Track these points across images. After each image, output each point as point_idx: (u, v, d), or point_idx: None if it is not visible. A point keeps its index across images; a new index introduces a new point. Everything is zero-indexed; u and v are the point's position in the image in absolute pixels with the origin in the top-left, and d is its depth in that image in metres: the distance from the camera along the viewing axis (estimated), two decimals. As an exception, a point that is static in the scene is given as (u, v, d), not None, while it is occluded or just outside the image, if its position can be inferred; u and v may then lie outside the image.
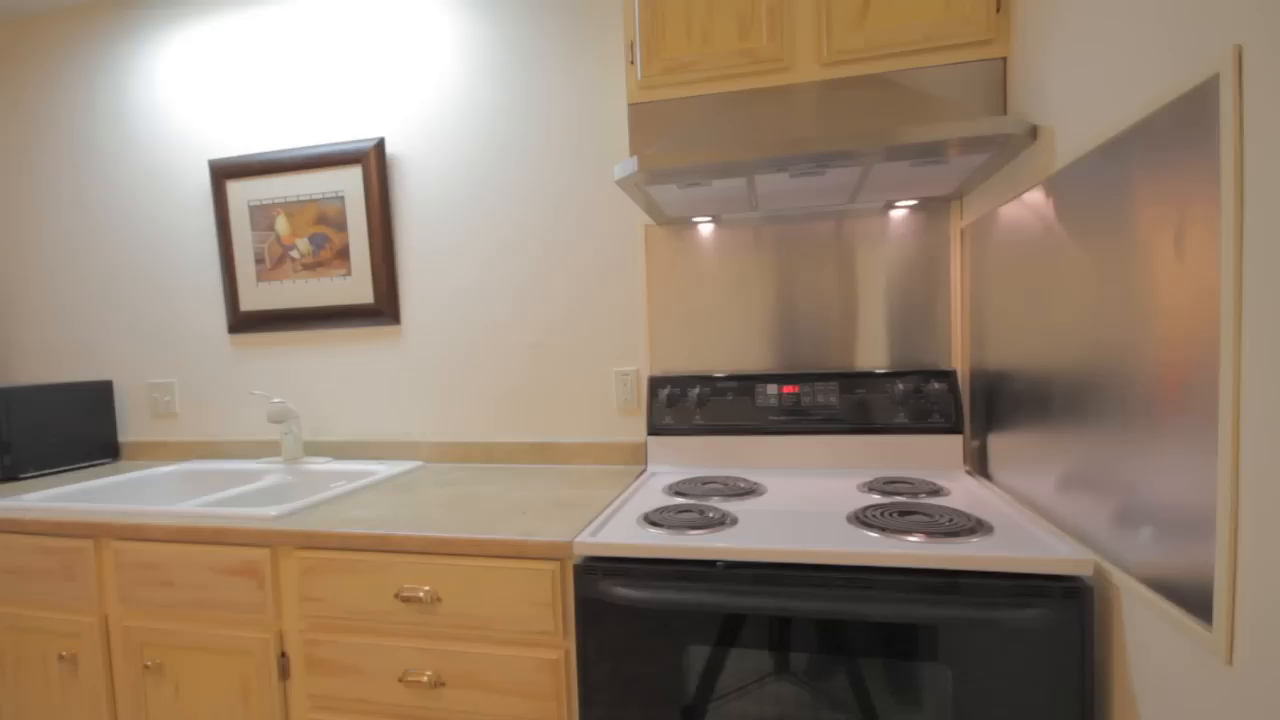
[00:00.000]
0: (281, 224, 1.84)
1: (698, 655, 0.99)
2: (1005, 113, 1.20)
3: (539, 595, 1.09)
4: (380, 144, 1.75)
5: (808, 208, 1.51)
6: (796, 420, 1.48)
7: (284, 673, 1.24)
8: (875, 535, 0.99)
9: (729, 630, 0.98)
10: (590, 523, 1.15)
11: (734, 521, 1.10)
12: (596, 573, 1.01)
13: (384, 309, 1.79)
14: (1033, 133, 1.03)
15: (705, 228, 1.60)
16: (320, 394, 1.90)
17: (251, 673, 1.25)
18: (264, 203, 1.85)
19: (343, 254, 1.81)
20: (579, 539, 1.04)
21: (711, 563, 0.98)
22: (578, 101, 1.66)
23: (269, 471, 1.76)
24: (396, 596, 1.15)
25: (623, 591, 0.98)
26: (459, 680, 1.13)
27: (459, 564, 1.12)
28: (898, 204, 1.48)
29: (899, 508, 1.12)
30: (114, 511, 1.35)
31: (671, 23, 1.30)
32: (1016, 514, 1.09)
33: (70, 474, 1.86)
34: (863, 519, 1.06)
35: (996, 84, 1.20)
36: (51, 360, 2.15)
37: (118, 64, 2.01)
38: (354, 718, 1.20)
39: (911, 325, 1.50)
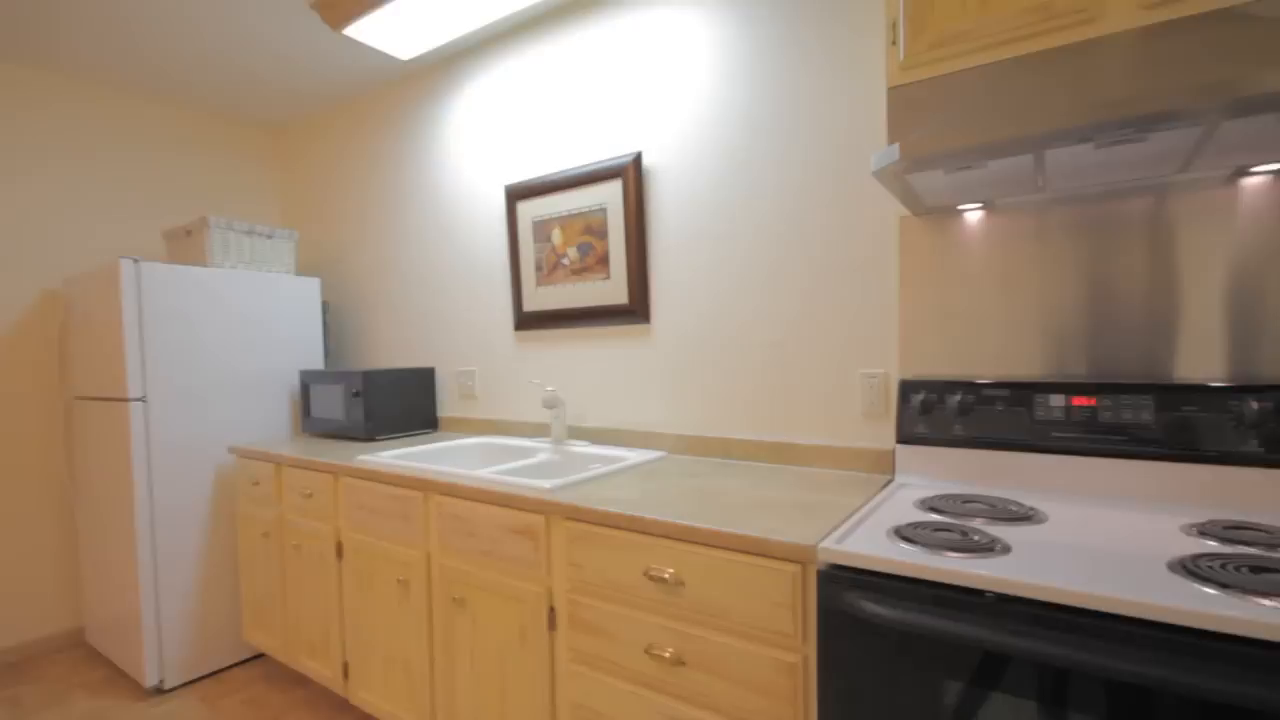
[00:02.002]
0: (556, 235, 2.12)
1: (949, 689, 0.90)
2: None
3: (778, 595, 1.09)
4: (638, 158, 1.91)
5: (1112, 183, 1.26)
6: (1092, 439, 1.24)
7: (551, 624, 1.44)
8: (1213, 591, 0.79)
9: (989, 671, 0.87)
10: (835, 529, 1.11)
11: (1005, 549, 0.96)
12: (842, 582, 0.98)
13: (636, 309, 1.95)
14: None
15: (973, 215, 1.43)
16: (580, 384, 2.15)
17: (528, 619, 1.47)
18: (544, 218, 2.15)
19: (603, 260, 2.01)
20: (824, 544, 1.02)
21: (978, 592, 0.88)
22: (823, 98, 1.61)
23: (540, 450, 2.04)
24: (645, 574, 1.25)
25: (871, 607, 0.93)
26: (698, 662, 1.18)
27: (702, 553, 1.18)
28: (1254, 169, 1.14)
29: (1249, 561, 0.87)
30: (435, 471, 1.70)
31: (941, -7, 1.18)
32: None
33: (406, 439, 2.39)
34: (1194, 569, 0.85)
35: None
36: (396, 350, 2.79)
37: (431, 114, 2.52)
38: (605, 676, 1.33)
39: (1270, 326, 1.15)
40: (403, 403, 2.44)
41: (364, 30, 2.09)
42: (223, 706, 2.16)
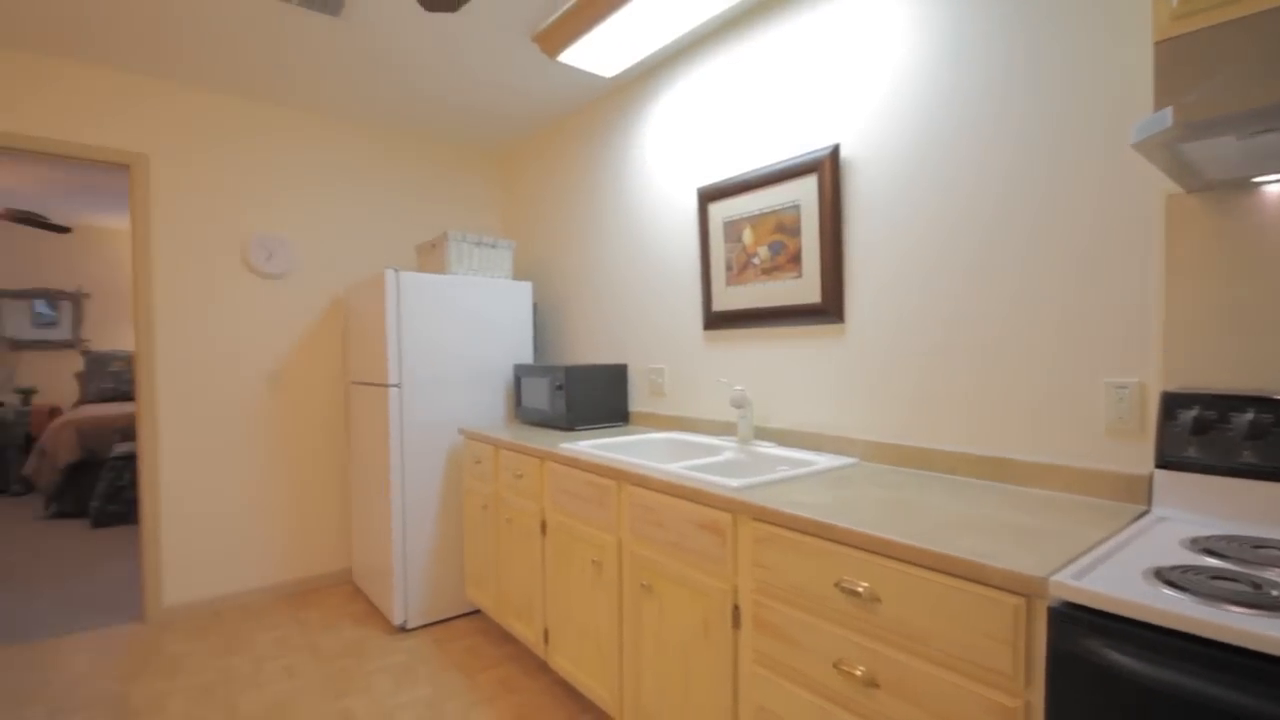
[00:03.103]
0: (747, 235, 2.12)
1: (1241, 779, 0.73)
2: None
3: (994, 628, 0.97)
4: (834, 150, 1.83)
5: None
6: None
7: (735, 622, 1.45)
8: None
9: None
10: (1071, 562, 0.96)
11: (1322, 613, 0.76)
12: (1080, 624, 0.85)
13: (829, 308, 1.87)
14: None
15: (1275, 189, 1.13)
16: (768, 384, 2.12)
17: (712, 613, 1.50)
18: (735, 218, 2.16)
19: (795, 258, 1.97)
20: (1057, 578, 0.89)
21: (1273, 659, 0.70)
22: (1045, 66, 1.40)
23: (726, 448, 2.06)
24: (836, 585, 1.20)
25: (1121, 659, 0.79)
26: (894, 688, 1.11)
27: (901, 570, 1.10)
28: None
29: None
30: (628, 462, 1.81)
31: (1236, -82, 0.96)
32: None
33: (601, 430, 2.56)
34: None
35: None
36: (593, 348, 3.01)
37: (628, 126, 2.66)
38: (789, 683, 1.30)
39: None
40: (598, 396, 2.62)
41: (575, 55, 2.28)
42: (450, 650, 2.52)
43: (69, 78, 2.56)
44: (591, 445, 2.13)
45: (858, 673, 1.15)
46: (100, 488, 4.22)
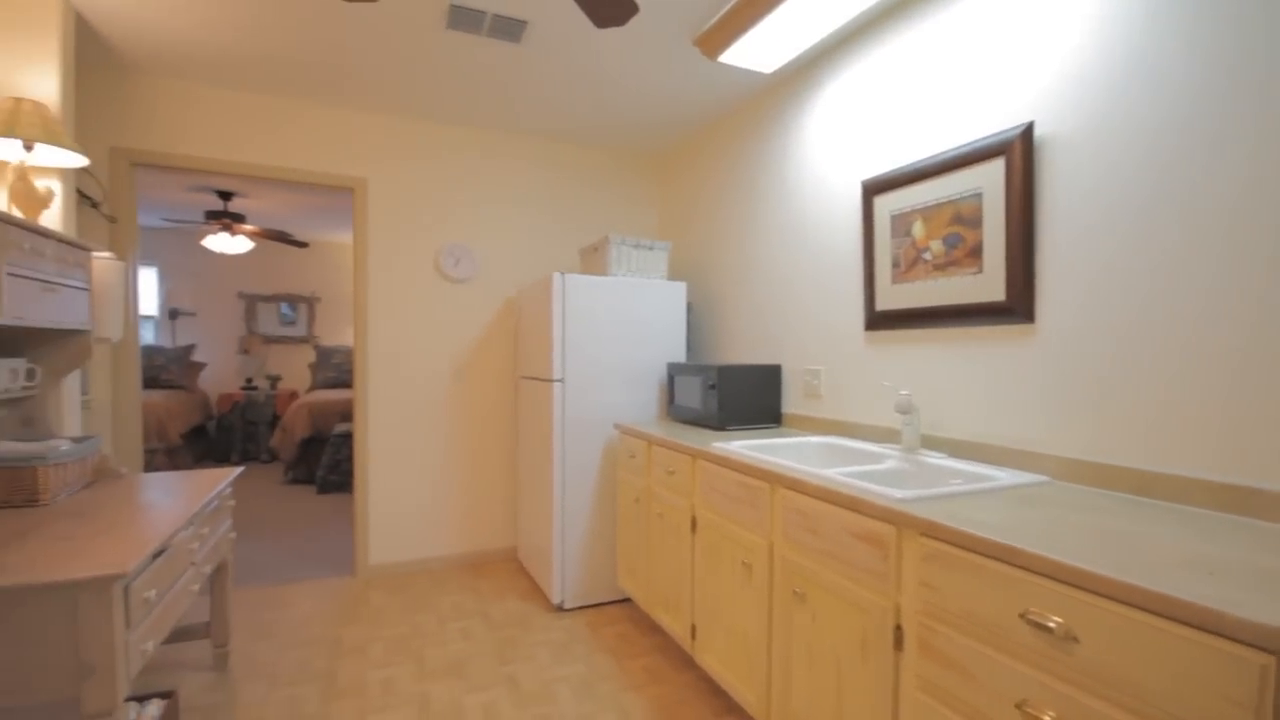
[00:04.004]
0: (918, 228, 1.96)
1: None
2: None
3: (1233, 690, 0.81)
4: (1027, 130, 1.64)
5: None
6: None
7: (897, 643, 1.35)
8: None
9: None
10: (1349, 622, 0.77)
11: None
12: (1365, 700, 0.67)
13: (1015, 306, 1.68)
14: None
15: None
16: (937, 389, 1.95)
17: (870, 630, 1.41)
18: (904, 211, 2.02)
19: (974, 252, 1.79)
20: (1328, 638, 0.72)
21: None
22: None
23: (888, 456, 1.92)
24: (1021, 616, 1.07)
25: None
26: (1094, 741, 0.96)
27: (1107, 608, 0.95)
28: None
29: None
30: (782, 465, 1.76)
31: None
32: None
33: (753, 431, 2.53)
34: None
35: None
36: (746, 347, 2.97)
37: (786, 122, 2.58)
38: (960, 717, 1.19)
39: None
40: (751, 397, 2.58)
41: (735, 54, 2.28)
42: (602, 634, 2.64)
43: (308, 117, 3.08)
44: (743, 445, 2.11)
45: (1046, 718, 1.02)
46: (324, 460, 5.02)
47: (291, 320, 7.10)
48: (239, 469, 2.25)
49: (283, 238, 5.37)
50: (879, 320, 2.13)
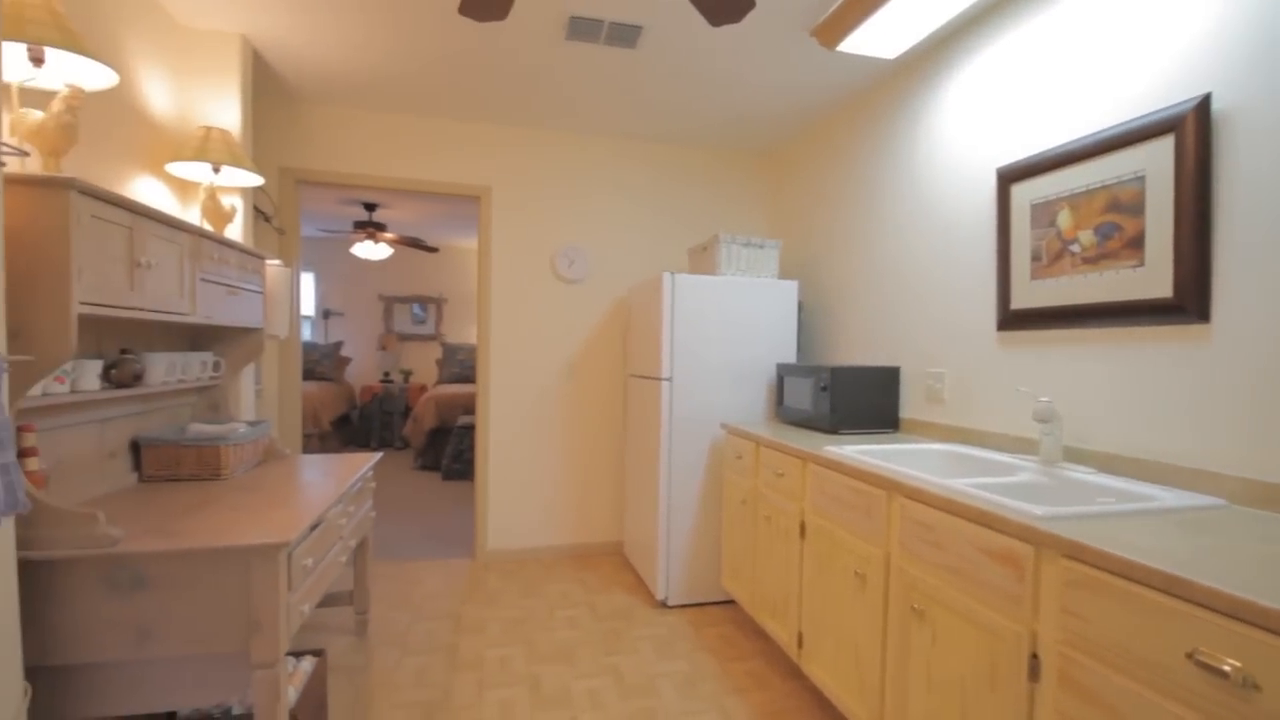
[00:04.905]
0: (1064, 218, 1.78)
1: None
2: None
3: None
4: (1203, 103, 1.43)
5: None
6: None
7: (1033, 674, 1.23)
8: None
9: None
10: None
11: None
12: None
13: (1185, 304, 1.47)
14: None
15: None
16: (1084, 396, 1.75)
17: (1001, 657, 1.30)
18: (1047, 199, 1.83)
19: (1133, 243, 1.59)
20: None
21: None
22: None
23: (1023, 468, 1.76)
24: (1189, 657, 0.94)
25: None
26: (1285, 811, 0.82)
27: (1303, 655, 0.81)
28: None
29: None
30: (902, 472, 1.66)
31: None
32: None
33: (867, 436, 2.41)
34: None
35: None
36: (861, 348, 2.84)
37: (908, 111, 2.42)
38: (1110, 765, 1.06)
39: None
40: (866, 400, 2.46)
41: (855, 42, 2.18)
42: (705, 634, 2.63)
43: (439, 131, 3.33)
44: (858, 450, 2.02)
45: (1220, 776, 0.89)
46: (449, 449, 5.41)
47: (422, 319, 7.71)
48: (378, 454, 2.48)
49: (416, 244, 5.85)
50: (1014, 319, 1.95)
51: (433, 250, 6.10)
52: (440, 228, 6.61)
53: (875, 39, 2.17)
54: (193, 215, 2.37)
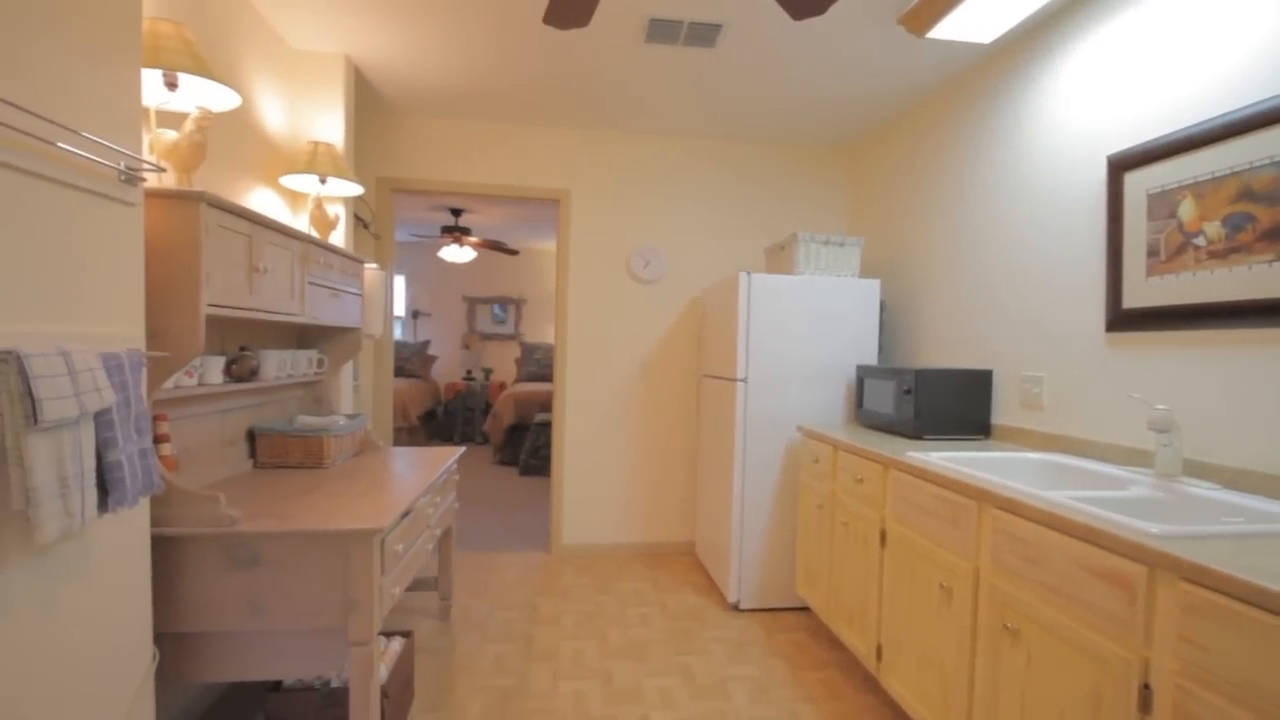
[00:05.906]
0: (1186, 209, 1.62)
1: None
2: None
3: None
4: (1360, 74, 1.26)
5: None
6: None
7: (1144, 706, 1.13)
8: None
9: None
10: None
11: None
12: None
13: (1336, 304, 1.30)
14: None
15: None
16: (1207, 405, 1.59)
17: (1105, 686, 1.20)
18: (1166, 188, 1.67)
19: (1269, 235, 1.42)
20: None
21: None
22: None
23: (1135, 482, 1.61)
24: (1336, 699, 0.83)
25: None
26: None
27: None
28: None
29: None
30: (994, 482, 1.57)
31: None
32: None
33: (955, 442, 2.28)
34: None
35: None
36: (949, 350, 2.70)
37: (1005, 100, 2.27)
38: (1237, 813, 0.96)
39: None
40: (954, 404, 2.34)
41: (947, 28, 2.07)
42: (776, 639, 2.58)
43: (521, 137, 3.44)
44: (944, 458, 1.92)
45: (1375, 838, 0.78)
46: (526, 445, 5.58)
47: (502, 320, 8.01)
48: (461, 449, 2.60)
49: (498, 247, 6.07)
50: (1126, 320, 1.80)
51: (513, 253, 6.31)
52: (520, 231, 6.83)
53: (969, 23, 2.05)
54: (301, 223, 2.57)
